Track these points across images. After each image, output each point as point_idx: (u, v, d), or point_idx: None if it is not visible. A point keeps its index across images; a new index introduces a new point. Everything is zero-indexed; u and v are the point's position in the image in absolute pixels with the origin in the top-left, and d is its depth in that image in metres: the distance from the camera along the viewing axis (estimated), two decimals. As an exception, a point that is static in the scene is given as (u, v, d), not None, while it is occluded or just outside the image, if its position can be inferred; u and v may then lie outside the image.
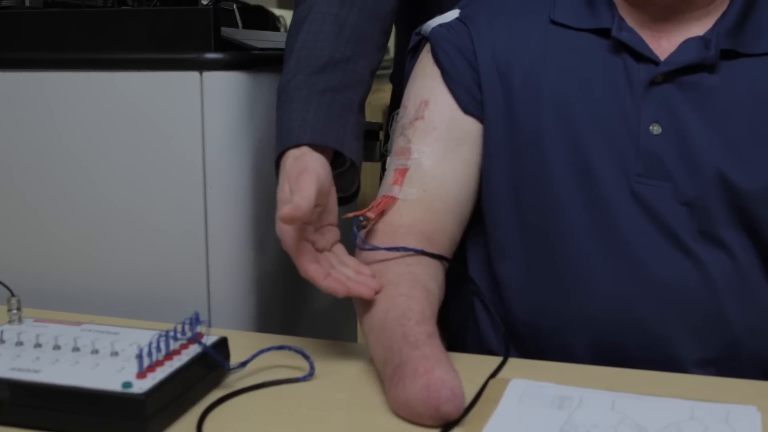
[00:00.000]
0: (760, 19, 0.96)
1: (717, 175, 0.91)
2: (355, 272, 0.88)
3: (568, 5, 0.99)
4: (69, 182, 1.13)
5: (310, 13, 0.99)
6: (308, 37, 0.97)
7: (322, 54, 0.96)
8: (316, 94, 0.94)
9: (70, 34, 1.13)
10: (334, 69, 0.96)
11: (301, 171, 0.87)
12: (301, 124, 0.92)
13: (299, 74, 0.95)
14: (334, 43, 0.97)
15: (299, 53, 0.97)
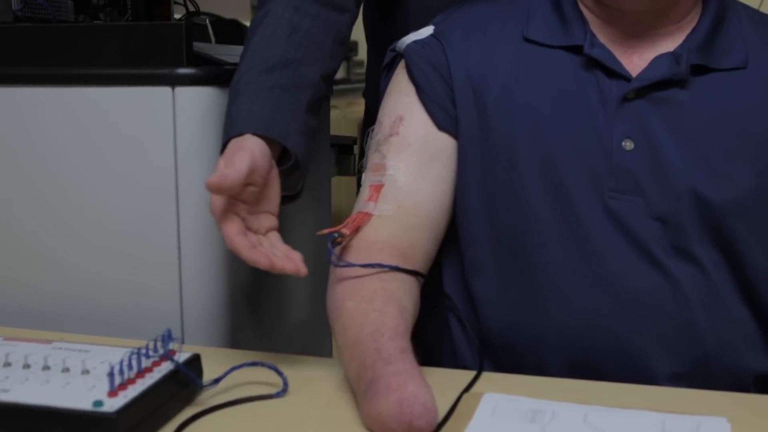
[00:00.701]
0: (729, 34, 0.98)
1: (689, 190, 0.93)
2: (285, 254, 0.89)
3: (541, 23, 1.01)
4: (40, 197, 1.13)
5: (265, 18, 1.03)
6: (262, 39, 1.01)
7: (273, 54, 1.00)
8: (265, 89, 0.98)
9: (42, 50, 1.13)
10: (283, 69, 1.00)
11: (237, 149, 0.90)
12: (246, 115, 0.95)
13: (250, 72, 0.99)
14: (285, 45, 1.01)
15: (252, 54, 1.01)
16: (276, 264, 0.85)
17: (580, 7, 1.00)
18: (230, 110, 0.98)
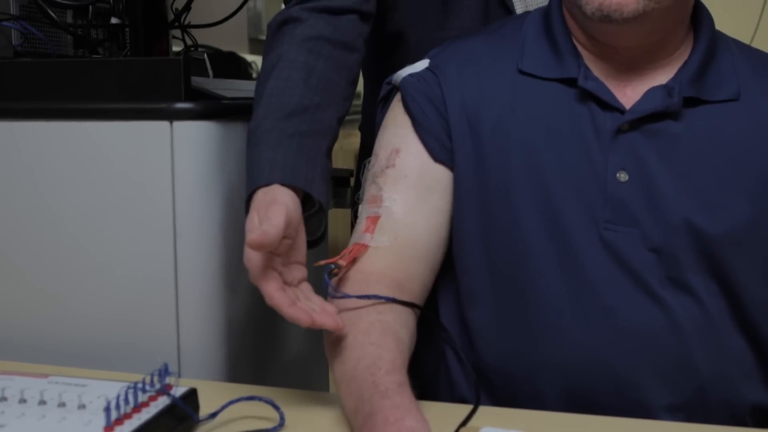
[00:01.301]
0: (720, 67, 0.99)
1: (683, 221, 0.93)
2: (320, 307, 0.88)
3: (536, 55, 1.02)
4: (37, 231, 1.13)
5: (279, 62, 1.02)
6: (277, 83, 1.00)
7: (291, 100, 0.99)
8: (286, 137, 0.97)
9: (42, 84, 1.14)
10: (302, 115, 0.99)
11: (270, 202, 0.89)
12: (271, 164, 0.94)
13: (269, 118, 0.98)
14: (302, 90, 1.00)
15: (269, 99, 1.00)
16: (316, 320, 0.84)
17: (573, 40, 1.01)
18: (252, 158, 0.97)
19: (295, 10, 1.06)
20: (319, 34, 1.04)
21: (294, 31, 1.05)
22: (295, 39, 1.04)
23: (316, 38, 1.04)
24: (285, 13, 1.07)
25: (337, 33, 1.06)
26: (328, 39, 1.05)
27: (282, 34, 1.05)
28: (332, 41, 1.05)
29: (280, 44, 1.04)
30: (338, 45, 1.06)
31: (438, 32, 1.19)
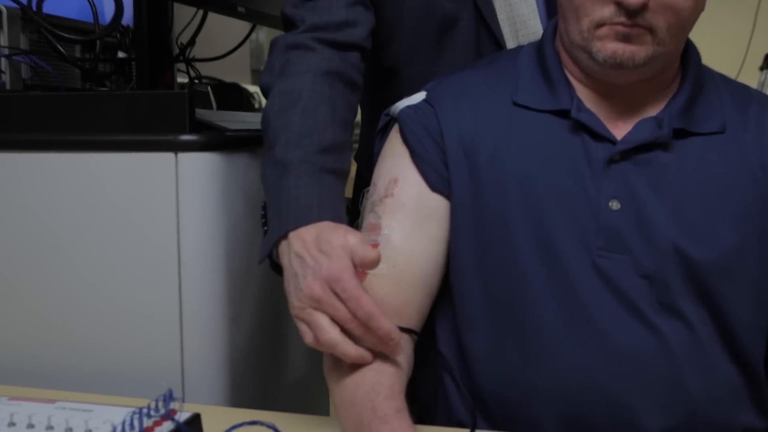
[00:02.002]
0: (708, 100, 1.01)
1: (673, 248, 0.94)
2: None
3: (530, 88, 1.03)
4: (45, 260, 1.14)
5: (303, 91, 1.01)
6: (307, 114, 1.00)
7: (325, 135, 0.99)
8: (327, 172, 0.97)
9: (50, 117, 1.15)
10: (335, 152, 0.99)
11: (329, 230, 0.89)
12: (319, 201, 0.93)
13: (301, 150, 0.96)
14: (333, 126, 1.00)
15: (301, 129, 0.98)
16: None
17: (565, 72, 1.03)
18: (293, 188, 0.94)
19: (305, 38, 1.07)
20: (336, 69, 1.05)
21: (310, 60, 1.05)
22: (313, 69, 1.04)
23: (333, 73, 1.05)
24: (294, 38, 1.07)
25: (347, 70, 1.08)
26: (341, 75, 1.06)
27: (294, 60, 1.05)
28: (344, 78, 1.06)
29: (299, 72, 1.04)
30: (348, 83, 1.07)
31: (431, 67, 1.21)
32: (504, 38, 1.20)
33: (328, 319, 0.85)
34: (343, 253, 0.86)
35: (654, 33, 0.92)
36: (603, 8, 0.92)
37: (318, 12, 1.10)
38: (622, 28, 0.92)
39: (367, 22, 1.13)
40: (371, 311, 0.84)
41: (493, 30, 1.19)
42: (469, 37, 1.20)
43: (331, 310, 0.85)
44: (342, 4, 1.11)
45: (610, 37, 0.93)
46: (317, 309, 0.85)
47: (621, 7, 0.90)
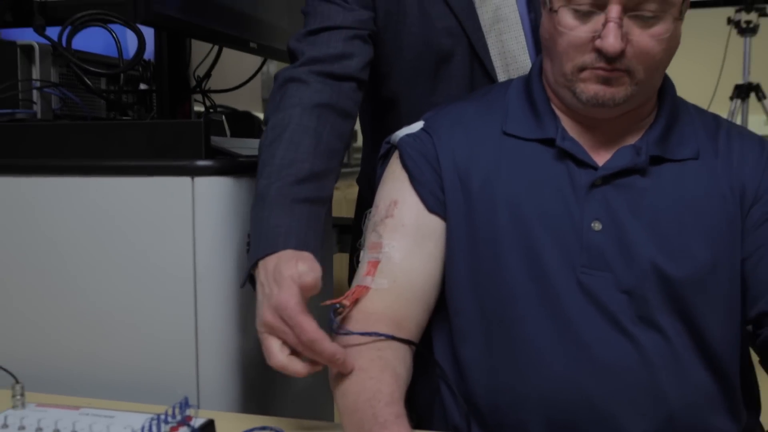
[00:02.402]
0: (682, 130, 1.01)
1: (651, 266, 0.94)
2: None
3: (518, 118, 1.03)
4: (72, 276, 1.14)
5: (290, 125, 1.03)
6: (290, 146, 1.01)
7: (303, 166, 1.00)
8: (299, 203, 0.98)
9: (77, 143, 1.16)
10: (312, 181, 1.00)
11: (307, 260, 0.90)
12: (286, 230, 0.95)
13: (280, 181, 0.99)
14: (313, 157, 1.01)
15: (282, 161, 1.00)
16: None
17: (552, 103, 1.03)
18: (263, 220, 0.97)
19: (301, 72, 1.08)
20: (326, 101, 1.06)
21: (302, 93, 1.06)
22: (304, 102, 1.05)
23: (323, 105, 1.05)
24: (291, 72, 1.08)
25: (340, 101, 1.08)
26: (332, 107, 1.07)
27: (289, 94, 1.06)
28: (336, 109, 1.07)
29: (290, 105, 1.05)
30: (340, 113, 1.08)
31: (428, 98, 1.21)
32: (496, 72, 1.20)
33: (279, 344, 0.88)
34: (292, 282, 0.87)
35: (632, 75, 0.93)
36: (585, 54, 0.93)
37: (317, 46, 1.11)
38: (603, 72, 0.93)
39: (364, 54, 1.14)
40: (313, 337, 0.85)
41: (485, 64, 1.19)
42: (464, 70, 1.21)
43: (281, 335, 0.87)
44: (340, 38, 1.11)
45: (591, 80, 0.94)
46: (271, 334, 0.88)
47: (601, 54, 0.91)
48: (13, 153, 1.18)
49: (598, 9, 0.91)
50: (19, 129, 1.19)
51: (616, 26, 0.90)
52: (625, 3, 0.90)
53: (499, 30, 1.19)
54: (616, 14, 0.90)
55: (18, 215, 1.16)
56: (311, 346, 0.86)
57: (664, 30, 0.92)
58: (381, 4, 1.17)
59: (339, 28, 1.12)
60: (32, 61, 1.27)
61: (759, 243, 0.97)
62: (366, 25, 1.15)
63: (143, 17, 1.12)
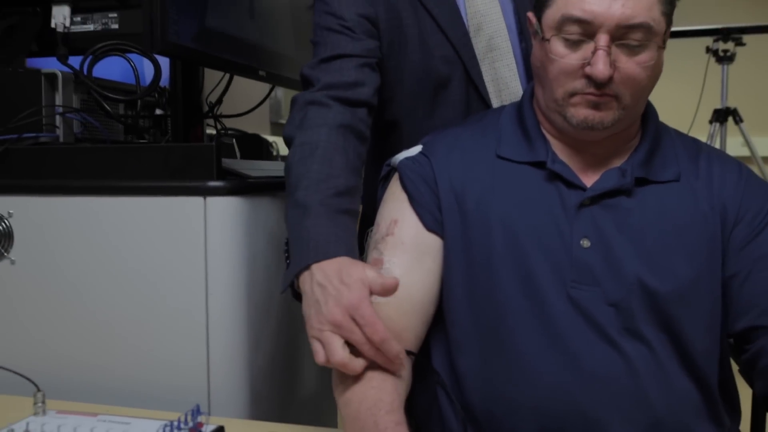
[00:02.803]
0: (665, 153, 1.02)
1: (636, 280, 0.94)
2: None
3: (510, 143, 1.04)
4: (91, 290, 1.14)
5: (320, 143, 1.02)
6: (324, 162, 1.00)
7: (339, 181, 0.99)
8: (341, 213, 0.98)
9: (97, 165, 1.16)
10: (348, 195, 1.00)
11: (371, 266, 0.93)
12: (336, 239, 0.94)
13: (320, 194, 0.97)
14: (345, 173, 1.01)
15: (318, 175, 0.99)
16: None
17: (542, 128, 1.03)
18: (312, 227, 0.95)
19: (320, 96, 1.08)
20: (348, 123, 1.06)
21: (326, 115, 1.06)
22: (329, 123, 1.05)
23: (345, 126, 1.06)
24: (312, 96, 1.08)
25: (357, 124, 1.08)
26: (353, 128, 1.07)
27: (311, 115, 1.06)
28: (355, 131, 1.07)
29: (316, 125, 1.04)
30: (358, 136, 1.08)
31: (427, 120, 1.22)
32: (489, 97, 1.21)
33: (341, 342, 0.86)
34: (362, 285, 0.87)
35: (619, 100, 0.94)
36: (575, 81, 0.94)
37: (331, 73, 1.11)
38: (592, 97, 0.93)
39: (373, 82, 1.14)
40: (385, 336, 0.86)
41: (480, 90, 1.20)
42: (460, 95, 1.21)
43: (348, 334, 0.86)
44: (352, 66, 1.12)
45: (582, 104, 0.94)
46: (334, 332, 0.86)
47: (591, 80, 0.92)
48: (37, 174, 1.19)
49: (587, 38, 0.92)
50: (43, 151, 1.20)
51: (604, 54, 0.90)
52: (613, 32, 0.90)
53: (492, 58, 1.20)
54: (604, 43, 0.90)
55: (41, 233, 1.17)
56: (381, 345, 0.86)
57: (649, 58, 0.93)
58: (385, 34, 1.18)
59: (350, 56, 1.12)
60: (55, 88, 1.27)
61: (745, 262, 0.97)
62: (374, 54, 1.16)
63: (159, 48, 1.12)
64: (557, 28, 0.93)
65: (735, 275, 0.97)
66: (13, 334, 1.18)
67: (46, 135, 1.25)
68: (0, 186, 1.18)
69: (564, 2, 0.93)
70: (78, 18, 1.31)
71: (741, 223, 0.99)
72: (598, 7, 0.90)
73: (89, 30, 1.31)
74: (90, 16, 1.31)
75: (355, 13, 1.15)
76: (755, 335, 0.96)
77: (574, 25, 0.92)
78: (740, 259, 0.97)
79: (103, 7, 1.31)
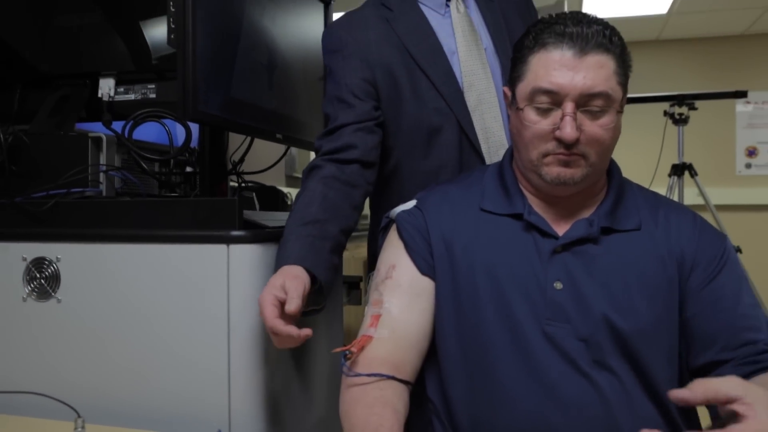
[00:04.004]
0: (627, 206, 1.03)
1: (603, 319, 0.95)
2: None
3: (492, 197, 1.05)
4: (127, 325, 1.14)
5: (305, 191, 1.13)
6: (301, 205, 1.11)
7: (308, 215, 1.09)
8: (302, 237, 1.06)
9: (135, 216, 1.17)
10: (315, 224, 1.08)
11: (293, 277, 0.99)
12: (290, 252, 1.04)
13: (293, 226, 1.08)
14: (316, 209, 1.10)
15: (296, 214, 1.10)
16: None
17: (519, 185, 1.05)
18: (280, 249, 1.07)
19: (319, 161, 1.16)
20: (333, 175, 1.14)
21: (318, 173, 1.15)
22: (315, 178, 1.14)
23: (330, 177, 1.14)
24: (314, 162, 1.17)
25: (344, 175, 1.15)
26: (337, 178, 1.14)
27: (309, 177, 1.15)
28: (341, 180, 1.14)
29: (307, 181, 1.14)
30: (345, 183, 1.15)
31: (423, 162, 1.24)
32: (479, 143, 1.24)
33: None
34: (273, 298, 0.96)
35: (586, 158, 0.95)
36: (547, 143, 0.96)
37: (331, 141, 1.20)
38: (563, 156, 0.95)
39: (367, 142, 1.20)
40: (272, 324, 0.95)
41: (470, 137, 1.23)
42: (453, 140, 1.24)
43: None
44: (347, 132, 1.19)
45: (554, 163, 0.96)
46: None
47: (560, 142, 0.94)
48: (83, 224, 1.19)
49: (556, 106, 0.94)
50: (88, 204, 1.21)
51: (571, 119, 0.92)
52: (577, 100, 0.93)
53: (481, 110, 1.23)
54: (570, 110, 0.93)
55: (84, 276, 1.17)
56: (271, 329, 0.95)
57: (609, 121, 0.95)
58: (382, 92, 1.23)
59: (347, 125, 1.20)
60: (100, 149, 1.29)
61: (703, 305, 0.97)
62: (370, 116, 1.21)
63: (191, 115, 1.14)
64: (529, 99, 0.96)
65: (695, 316, 0.97)
66: (57, 364, 1.17)
67: (91, 190, 1.26)
68: (50, 234, 1.19)
69: (534, 77, 0.95)
70: (121, 89, 1.33)
71: (697, 268, 0.99)
72: (563, 80, 0.92)
73: (130, 99, 1.33)
74: (131, 87, 1.34)
75: (356, 78, 1.22)
76: (715, 368, 0.96)
77: (543, 96, 0.94)
78: (698, 302, 0.97)
79: (143, 80, 1.34)
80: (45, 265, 1.18)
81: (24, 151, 1.27)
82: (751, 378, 0.91)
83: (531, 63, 0.95)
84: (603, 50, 0.92)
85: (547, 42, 0.94)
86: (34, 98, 1.39)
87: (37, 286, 1.19)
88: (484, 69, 1.24)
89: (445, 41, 1.25)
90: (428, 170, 1.23)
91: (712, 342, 0.96)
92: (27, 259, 1.19)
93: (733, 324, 0.95)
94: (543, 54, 0.94)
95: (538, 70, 0.94)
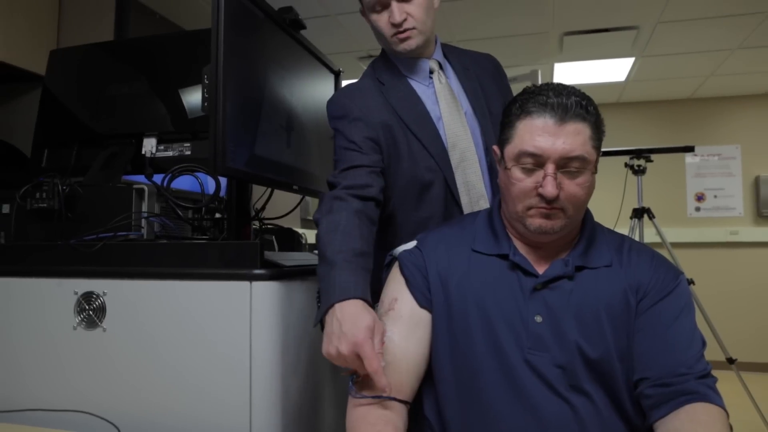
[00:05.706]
0: (598, 246, 1.02)
1: (576, 348, 0.94)
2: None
3: (483, 240, 1.05)
4: (161, 352, 1.13)
5: (341, 222, 1.05)
6: (345, 235, 1.03)
7: (356, 246, 1.02)
8: (360, 268, 1.00)
9: (171, 257, 1.17)
10: (364, 257, 1.02)
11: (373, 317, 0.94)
12: (354, 285, 0.97)
13: (342, 254, 1.00)
14: (360, 242, 1.03)
15: (342, 241, 1.02)
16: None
17: (507, 230, 1.05)
18: (335, 277, 0.97)
19: (342, 193, 1.11)
20: (361, 210, 1.09)
21: (346, 205, 1.08)
22: (348, 210, 1.07)
23: (359, 212, 1.08)
24: (336, 193, 1.11)
25: (368, 212, 1.11)
26: (365, 214, 1.09)
27: (336, 205, 1.09)
28: (366, 216, 1.09)
29: (338, 211, 1.07)
30: (368, 219, 1.10)
31: (414, 213, 1.23)
32: (460, 196, 1.23)
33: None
34: (368, 330, 0.91)
35: (564, 211, 0.95)
36: (531, 198, 0.96)
37: (349, 178, 1.14)
38: (545, 210, 0.95)
39: (379, 184, 1.17)
40: (377, 369, 0.89)
41: (453, 190, 1.23)
42: (440, 194, 1.23)
43: (351, 364, 0.90)
44: (364, 173, 1.16)
45: (537, 215, 0.96)
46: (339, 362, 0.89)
47: (543, 198, 0.94)
48: (126, 263, 1.19)
49: (538, 167, 0.94)
50: (131, 246, 1.21)
51: (552, 178, 0.93)
52: (557, 162, 0.93)
53: (464, 167, 1.23)
54: (551, 170, 0.93)
55: (127, 308, 1.16)
56: (374, 374, 0.89)
57: (585, 180, 0.95)
58: (385, 149, 1.22)
59: (361, 166, 1.16)
60: (142, 198, 1.29)
61: (640, 327, 0.96)
62: (378, 164, 1.20)
63: (221, 170, 1.15)
64: (516, 160, 0.96)
65: (633, 336, 0.96)
66: (101, 386, 1.16)
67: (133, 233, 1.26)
68: (98, 272, 1.19)
69: (520, 141, 0.96)
70: (161, 147, 1.34)
71: (647, 295, 0.98)
72: (546, 144, 0.93)
73: (169, 155, 1.34)
74: (170, 146, 1.35)
75: (362, 137, 1.19)
76: (639, 384, 0.94)
77: (528, 158, 0.94)
78: (639, 323, 0.96)
79: (180, 139, 1.35)
80: (93, 298, 1.18)
81: (78, 200, 1.28)
82: (663, 408, 0.89)
83: (518, 128, 0.96)
84: (580, 119, 0.93)
85: (531, 110, 0.94)
86: (88, 155, 1.40)
87: (85, 317, 1.18)
88: (464, 130, 1.25)
89: (431, 108, 1.26)
90: (419, 220, 1.22)
91: (640, 361, 0.94)
92: (78, 293, 1.18)
93: (662, 347, 0.93)
94: (528, 121, 0.94)
95: (523, 134, 0.95)
